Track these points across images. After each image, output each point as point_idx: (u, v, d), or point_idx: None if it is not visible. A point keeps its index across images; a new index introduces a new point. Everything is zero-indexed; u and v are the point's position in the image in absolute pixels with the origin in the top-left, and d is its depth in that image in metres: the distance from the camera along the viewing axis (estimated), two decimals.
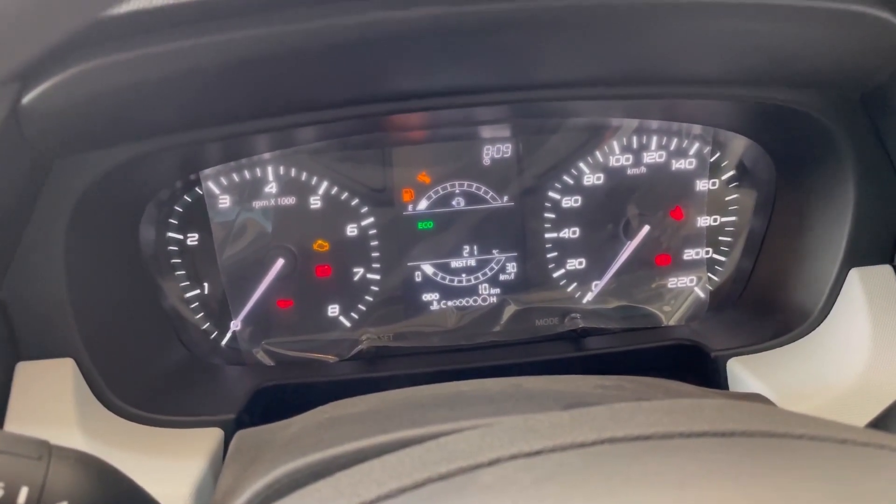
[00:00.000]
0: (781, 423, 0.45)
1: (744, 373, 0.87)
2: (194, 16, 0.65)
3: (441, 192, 1.00)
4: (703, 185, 1.01)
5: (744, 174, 1.02)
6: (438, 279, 1.03)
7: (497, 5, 0.67)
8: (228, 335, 1.00)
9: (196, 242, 0.98)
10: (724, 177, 1.02)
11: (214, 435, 0.82)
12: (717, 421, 0.47)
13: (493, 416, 0.55)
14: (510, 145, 0.99)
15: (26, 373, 0.78)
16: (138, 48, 0.66)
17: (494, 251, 1.02)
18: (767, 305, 0.98)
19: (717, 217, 1.04)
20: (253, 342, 0.99)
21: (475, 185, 1.00)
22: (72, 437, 0.75)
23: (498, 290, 1.04)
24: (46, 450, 0.53)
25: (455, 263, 1.02)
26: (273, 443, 0.62)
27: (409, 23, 0.67)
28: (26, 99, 0.65)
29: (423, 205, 1.00)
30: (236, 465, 0.62)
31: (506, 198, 1.01)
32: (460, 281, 1.03)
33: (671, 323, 1.03)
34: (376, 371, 0.96)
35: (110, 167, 0.78)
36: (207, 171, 0.93)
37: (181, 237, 0.97)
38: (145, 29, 0.65)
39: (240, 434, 0.70)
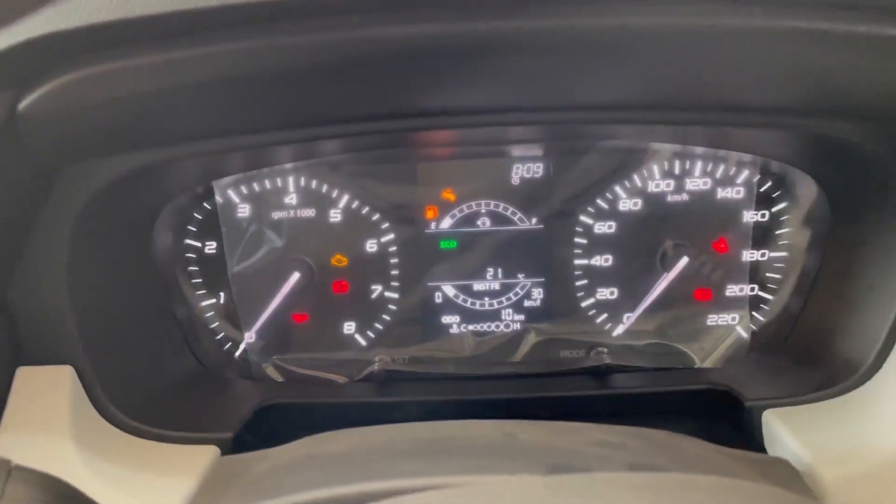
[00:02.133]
0: None
1: (780, 427, 0.79)
2: (212, 23, 0.63)
3: (466, 211, 0.95)
4: (749, 216, 0.94)
5: (796, 208, 0.93)
6: (459, 301, 0.98)
7: (534, 23, 0.62)
8: (242, 347, 0.98)
9: (214, 251, 0.96)
10: (775, 209, 0.94)
11: (210, 453, 0.79)
12: None
13: (468, 474, 0.50)
14: (541, 165, 0.94)
15: (25, 378, 0.78)
16: (148, 55, 0.64)
17: (520, 275, 0.97)
18: (813, 353, 0.89)
19: (766, 252, 0.96)
20: (264, 356, 0.97)
21: (502, 204, 0.95)
22: (63, 446, 0.74)
23: (522, 317, 0.98)
24: (5, 470, 0.52)
25: (478, 286, 0.98)
26: (243, 478, 0.59)
27: (442, 39, 0.64)
28: (23, 105, 0.63)
29: (446, 223, 0.96)
30: (205, 497, 0.59)
31: (534, 219, 0.95)
32: (482, 305, 0.98)
33: (706, 364, 0.96)
34: (385, 396, 0.92)
35: (117, 176, 0.77)
36: (224, 180, 0.91)
37: (199, 245, 0.96)
38: (153, 36, 0.63)
39: (220, 461, 0.67)
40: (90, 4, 0.59)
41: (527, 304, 0.98)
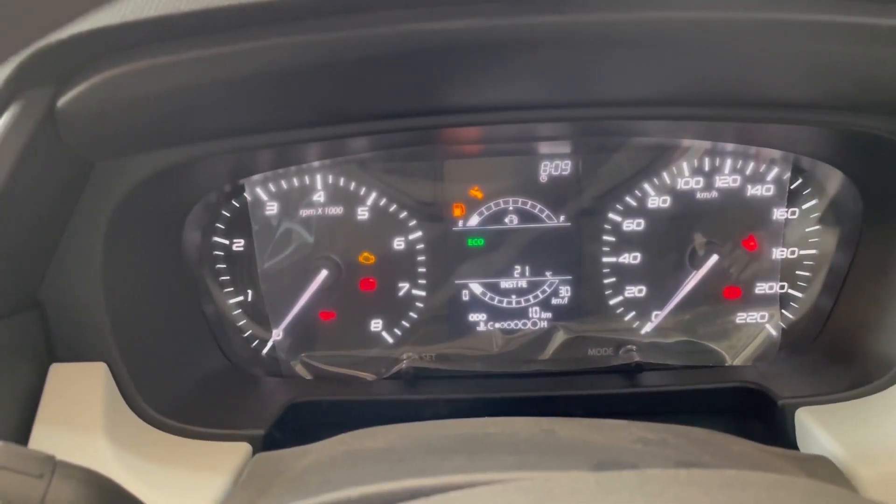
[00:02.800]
0: None
1: (813, 425, 0.79)
2: (244, 20, 0.63)
3: (493, 209, 0.95)
4: (780, 213, 0.93)
5: (827, 205, 0.93)
6: (486, 299, 0.98)
7: (566, 18, 0.62)
8: (269, 344, 0.98)
9: (242, 248, 0.96)
10: (805, 206, 0.94)
11: (242, 450, 0.79)
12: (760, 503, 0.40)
13: (513, 471, 0.50)
14: (569, 162, 0.93)
15: (59, 375, 0.78)
16: (181, 52, 0.64)
17: (547, 273, 0.97)
18: (845, 351, 0.88)
19: (795, 249, 0.95)
20: (292, 353, 0.97)
21: (530, 202, 0.95)
22: (97, 443, 0.74)
23: (549, 315, 0.98)
24: (50, 467, 0.52)
25: (505, 284, 0.97)
26: (284, 474, 0.59)
27: (473, 35, 0.63)
28: (62, 101, 0.64)
29: (473, 220, 0.96)
30: (245, 493, 0.59)
31: (562, 217, 0.95)
32: (510, 302, 0.98)
33: (736, 363, 0.95)
34: (415, 393, 0.92)
35: (151, 172, 0.77)
36: (253, 178, 0.91)
37: (227, 242, 0.96)
38: (188, 33, 0.63)
39: (257, 458, 0.67)
40: (131, 2, 0.59)
41: (554, 301, 0.98)
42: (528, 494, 0.42)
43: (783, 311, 0.97)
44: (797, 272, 0.96)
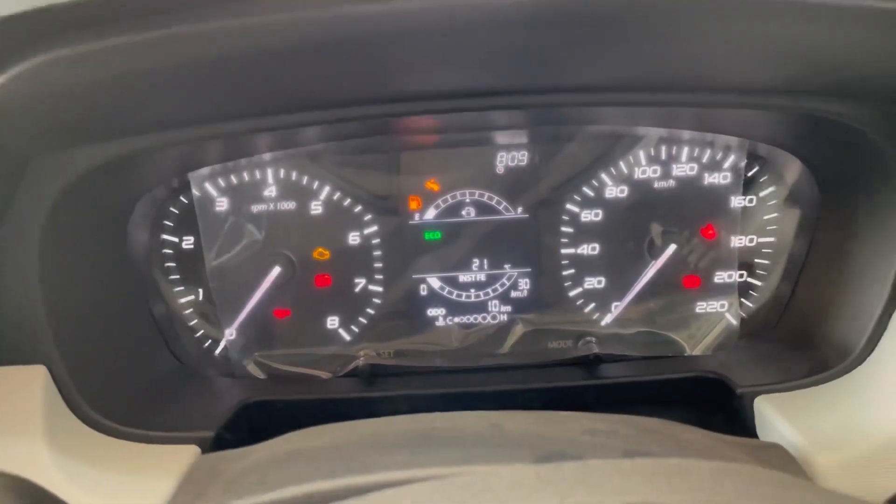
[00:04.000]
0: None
1: (772, 413, 0.78)
2: (184, 2, 0.60)
3: (450, 201, 0.94)
4: (737, 201, 0.93)
5: (784, 191, 0.92)
6: (445, 294, 0.96)
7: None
8: (222, 344, 0.96)
9: (192, 246, 0.93)
10: (762, 193, 0.93)
11: (189, 453, 0.76)
12: (703, 491, 0.39)
13: (456, 465, 0.48)
14: (526, 153, 0.92)
15: None
16: (115, 37, 0.61)
17: (506, 266, 0.96)
18: (804, 338, 0.88)
19: (753, 237, 0.94)
20: (246, 353, 0.95)
21: (487, 194, 0.93)
22: (37, 449, 0.71)
23: (509, 308, 0.96)
24: None
25: (463, 277, 0.96)
26: (223, 475, 0.57)
27: (420, 15, 0.61)
28: None
29: (430, 213, 0.94)
30: (182, 496, 0.57)
31: (520, 209, 0.94)
32: (468, 296, 0.96)
33: (696, 352, 0.95)
34: (371, 391, 0.89)
35: (91, 166, 0.74)
36: (200, 172, 0.89)
37: (176, 240, 0.93)
38: (122, 16, 0.61)
39: (199, 460, 0.65)
40: None
41: (513, 294, 0.96)
42: (465, 489, 0.40)
43: (743, 299, 0.96)
44: (756, 260, 0.96)
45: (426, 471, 0.47)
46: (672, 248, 0.92)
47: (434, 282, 0.96)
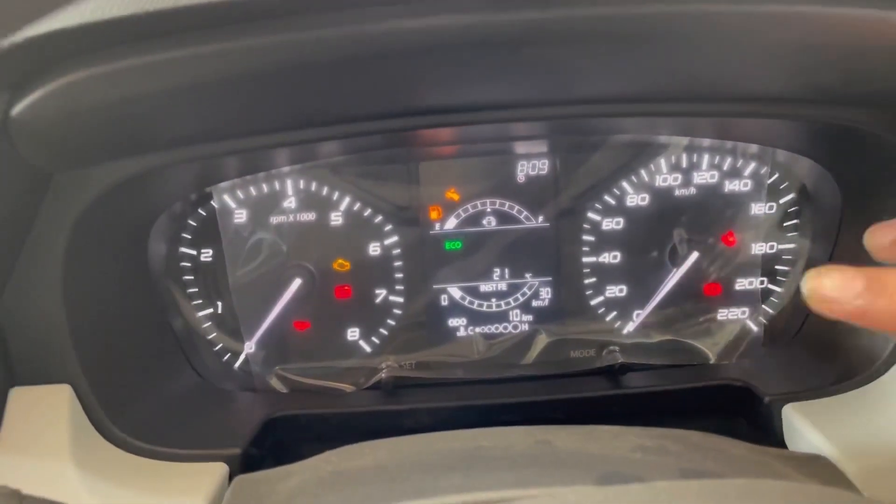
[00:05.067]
0: None
1: (800, 422, 0.78)
2: (210, 21, 0.59)
3: (471, 211, 0.93)
4: (759, 208, 0.92)
5: (806, 198, 0.92)
6: (466, 304, 0.95)
7: (535, 14, 0.60)
8: (242, 358, 0.95)
9: (210, 258, 0.92)
10: (783, 200, 0.93)
11: (218, 471, 0.75)
12: None
13: (513, 488, 0.48)
14: (547, 161, 0.92)
15: (21, 398, 0.74)
16: (143, 55, 0.60)
17: (527, 275, 0.95)
18: (828, 345, 0.88)
19: (774, 244, 0.95)
20: (266, 366, 0.94)
21: (508, 203, 0.93)
22: (64, 470, 0.70)
23: (530, 318, 0.96)
24: (16, 500, 0.48)
25: (484, 287, 0.95)
26: (269, 498, 0.56)
27: (442, 32, 0.61)
28: (16, 110, 0.59)
29: (451, 223, 0.93)
30: None
31: (541, 218, 0.93)
32: (490, 306, 0.96)
33: (720, 361, 0.94)
34: (395, 403, 0.89)
35: (114, 182, 0.73)
36: (221, 185, 0.88)
37: (194, 253, 0.92)
38: (150, 34, 0.60)
39: (238, 481, 0.64)
40: (91, 2, 0.56)
41: (535, 304, 0.96)
42: None
43: (765, 306, 0.96)
44: (777, 267, 0.96)
45: (485, 494, 0.46)
46: (694, 255, 0.92)
47: (455, 292, 0.95)
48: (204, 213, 0.90)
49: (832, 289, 0.52)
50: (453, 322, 0.96)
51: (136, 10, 0.56)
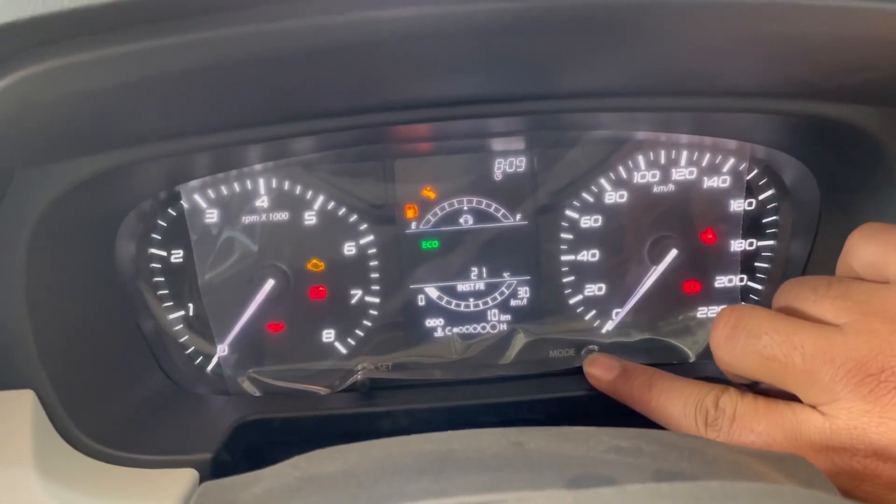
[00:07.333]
0: None
1: None
2: (174, 12, 0.57)
3: (447, 209, 0.91)
4: (738, 205, 0.92)
5: (785, 195, 0.92)
6: (443, 304, 0.94)
7: (507, 4, 0.58)
8: (214, 361, 0.93)
9: (181, 259, 0.90)
10: (762, 196, 0.93)
11: (188, 477, 0.74)
12: None
13: (485, 492, 0.46)
14: (524, 159, 0.90)
15: None
16: (100, 48, 0.58)
17: (505, 274, 0.94)
18: None
19: (754, 241, 0.94)
20: (239, 369, 0.92)
21: (485, 201, 0.91)
22: (27, 477, 0.68)
23: (508, 317, 0.95)
24: None
25: (462, 287, 0.94)
26: None
27: (415, 23, 0.59)
28: None
29: (427, 222, 0.92)
30: None
31: (518, 216, 0.92)
32: (467, 306, 0.94)
33: (700, 359, 0.93)
34: (371, 405, 0.87)
35: (78, 179, 0.71)
36: (190, 184, 0.86)
37: (164, 253, 0.90)
38: (108, 27, 0.58)
39: (203, 488, 0.62)
40: None
41: (513, 303, 0.94)
42: None
43: (744, 304, 0.95)
44: (756, 264, 0.95)
45: (455, 499, 0.45)
46: (673, 252, 0.91)
47: (432, 292, 0.94)
48: (174, 213, 0.89)
49: (596, 372, 0.83)
50: (430, 322, 0.94)
51: (91, 1, 0.54)
